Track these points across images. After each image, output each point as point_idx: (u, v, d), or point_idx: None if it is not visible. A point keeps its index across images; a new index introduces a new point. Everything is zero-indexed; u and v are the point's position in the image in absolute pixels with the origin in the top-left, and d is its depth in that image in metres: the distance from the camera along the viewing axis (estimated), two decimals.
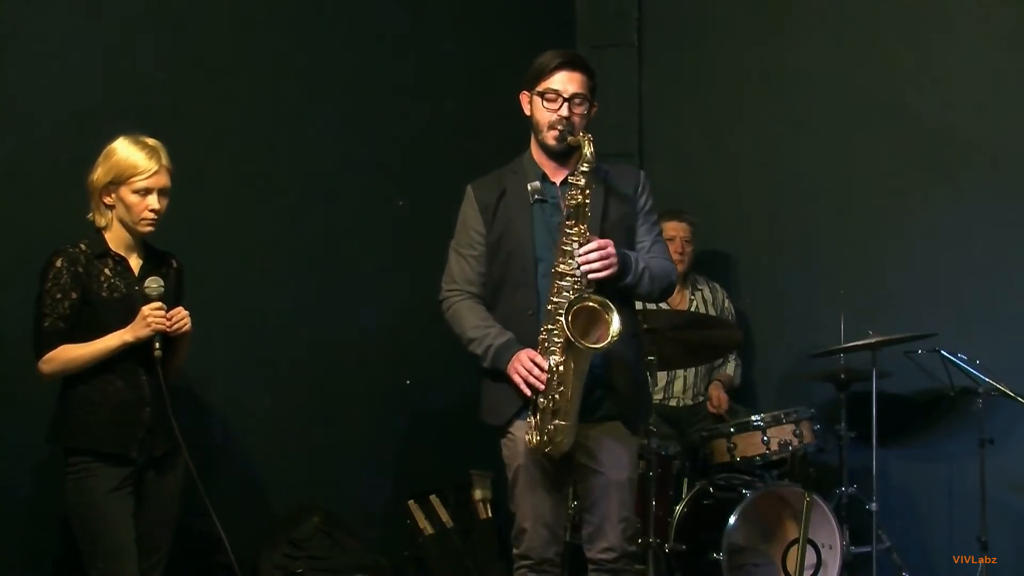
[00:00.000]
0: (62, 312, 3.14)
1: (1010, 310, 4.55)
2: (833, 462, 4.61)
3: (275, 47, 4.41)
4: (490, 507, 4.79)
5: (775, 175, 5.24)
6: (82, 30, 3.84)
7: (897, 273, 4.84)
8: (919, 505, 4.78)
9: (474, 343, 3.32)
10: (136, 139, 3.22)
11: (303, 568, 4.08)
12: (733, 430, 4.51)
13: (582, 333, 3.08)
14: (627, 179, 3.40)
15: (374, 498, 4.64)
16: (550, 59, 3.28)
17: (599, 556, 3.32)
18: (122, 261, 3.24)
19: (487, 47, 5.13)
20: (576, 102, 3.26)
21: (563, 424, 3.14)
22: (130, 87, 3.93)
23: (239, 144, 4.27)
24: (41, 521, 3.65)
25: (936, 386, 4.50)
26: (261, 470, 4.33)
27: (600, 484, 3.29)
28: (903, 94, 4.86)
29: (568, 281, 3.15)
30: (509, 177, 3.39)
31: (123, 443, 3.17)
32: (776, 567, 4.45)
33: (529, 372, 3.17)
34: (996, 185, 4.64)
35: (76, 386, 3.17)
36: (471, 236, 3.39)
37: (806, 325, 5.01)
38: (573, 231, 3.16)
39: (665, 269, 3.36)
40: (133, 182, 3.17)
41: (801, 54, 5.19)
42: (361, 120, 4.65)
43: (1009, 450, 4.43)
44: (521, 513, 3.33)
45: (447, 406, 4.77)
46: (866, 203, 4.95)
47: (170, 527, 3.32)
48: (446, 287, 3.44)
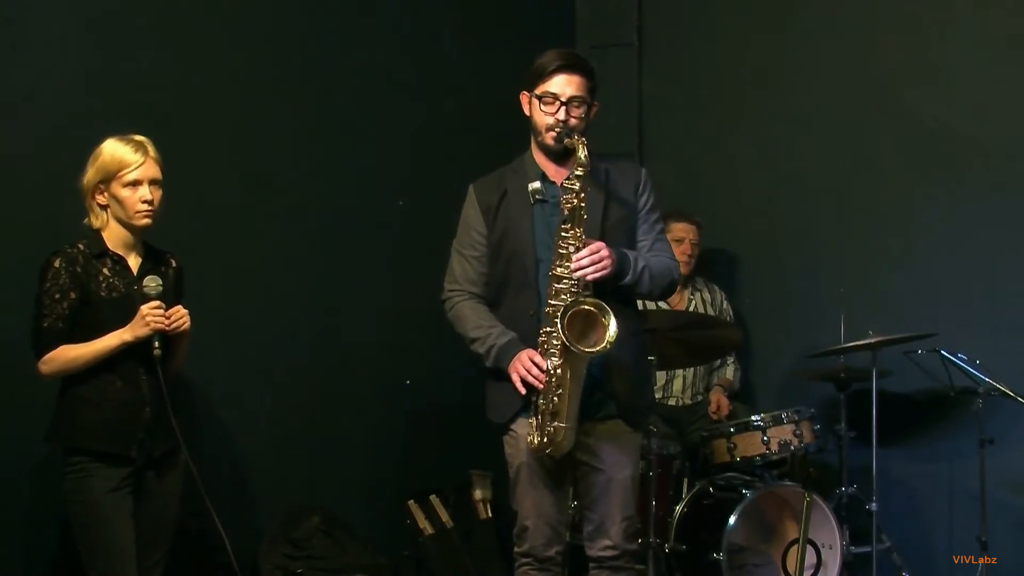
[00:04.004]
0: (61, 312, 3.14)
1: (1010, 310, 4.55)
2: (833, 462, 4.61)
3: (275, 47, 4.41)
4: (490, 507, 4.78)
5: (775, 175, 5.24)
6: (82, 30, 3.84)
7: (897, 273, 4.84)
8: (919, 505, 4.78)
9: (477, 343, 3.33)
10: (122, 136, 3.24)
11: (303, 568, 4.08)
12: (733, 430, 4.51)
13: (579, 337, 3.08)
14: (628, 177, 3.40)
15: (374, 498, 4.64)
16: (549, 61, 3.27)
17: (600, 554, 3.32)
18: (121, 260, 3.24)
19: (487, 47, 5.13)
20: (574, 105, 3.26)
21: (562, 426, 3.14)
22: (130, 87, 3.93)
23: (239, 144, 4.27)
24: (40, 521, 3.65)
25: (936, 386, 4.49)
26: (261, 470, 4.33)
27: (602, 482, 3.29)
28: (903, 94, 4.86)
29: (565, 284, 3.15)
30: (510, 177, 3.39)
31: (123, 443, 3.17)
32: (776, 567, 4.45)
33: (528, 372, 3.18)
34: (996, 185, 4.64)
35: (76, 386, 3.17)
36: (473, 236, 3.39)
37: (806, 325, 5.00)
38: (569, 234, 3.16)
39: (666, 267, 3.36)
40: (122, 176, 3.18)
41: (801, 54, 5.19)
42: (361, 120, 4.65)
43: (1009, 450, 4.43)
44: (523, 511, 3.34)
45: (447, 406, 4.78)
46: (866, 203, 4.94)
47: (170, 527, 3.32)
48: (448, 287, 3.45)
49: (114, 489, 3.15)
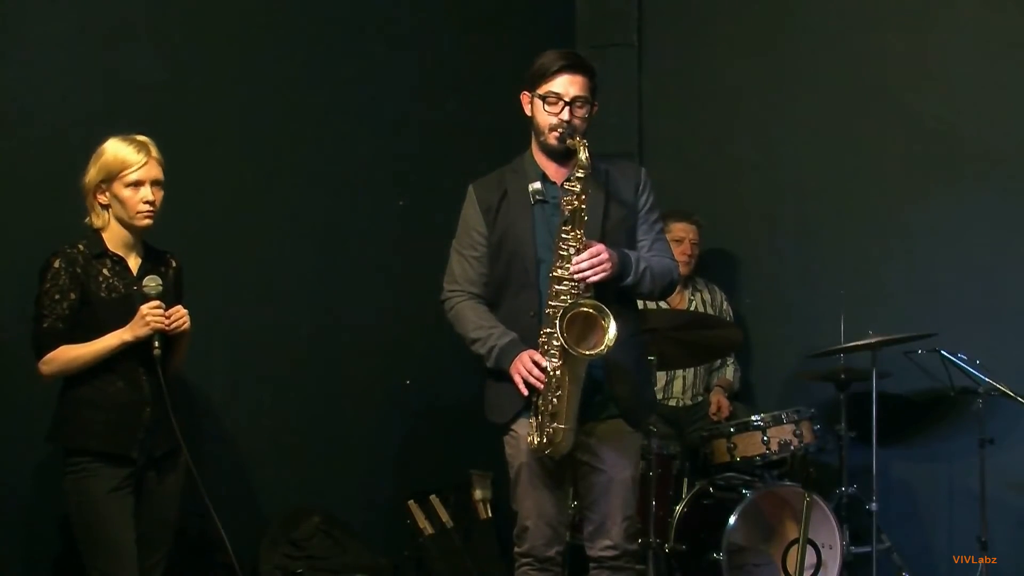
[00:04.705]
0: (61, 313, 3.14)
1: (1010, 310, 4.55)
2: (833, 462, 4.61)
3: (275, 47, 4.41)
4: (490, 507, 4.79)
5: (775, 175, 5.24)
6: (82, 30, 3.84)
7: (897, 273, 4.84)
8: (919, 505, 4.78)
9: (477, 343, 3.33)
10: (124, 136, 3.24)
11: (303, 568, 4.08)
12: (733, 430, 4.51)
13: (578, 339, 3.08)
14: (628, 178, 3.40)
15: (374, 498, 4.64)
16: (551, 62, 3.27)
17: (601, 554, 3.32)
18: (120, 261, 3.24)
19: (487, 47, 5.13)
20: (577, 105, 3.26)
21: (561, 427, 3.14)
22: (130, 87, 3.93)
23: (239, 144, 4.27)
24: (41, 521, 3.65)
25: (936, 386, 4.50)
26: (261, 470, 4.33)
27: (602, 482, 3.29)
28: (903, 94, 4.86)
29: (566, 285, 3.15)
30: (510, 177, 3.39)
31: (124, 443, 3.17)
32: (776, 567, 4.45)
33: (529, 372, 3.18)
34: (996, 185, 4.64)
35: (76, 386, 3.17)
36: (473, 237, 3.39)
37: (806, 325, 5.00)
38: (569, 236, 3.16)
39: (666, 267, 3.36)
40: (124, 176, 3.18)
41: (801, 54, 5.19)
42: (361, 120, 4.65)
43: (1009, 450, 4.43)
44: (524, 511, 3.34)
45: (447, 406, 4.78)
46: (866, 203, 4.94)
47: (170, 527, 3.32)
48: (448, 287, 3.44)
49: (115, 489, 3.15)
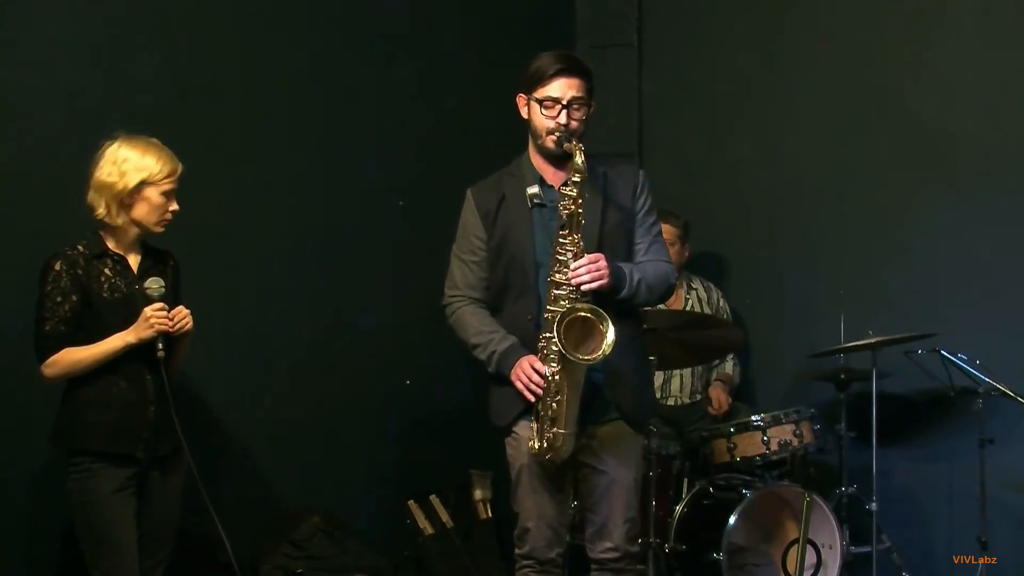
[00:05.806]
0: (63, 315, 3.15)
1: (1010, 310, 4.55)
2: (833, 462, 4.60)
3: (275, 47, 4.40)
4: (490, 507, 4.79)
5: (775, 175, 5.23)
6: (82, 30, 3.84)
7: (897, 273, 4.84)
8: (919, 505, 4.78)
9: (478, 349, 3.33)
10: (155, 141, 3.25)
11: (303, 568, 4.08)
12: (733, 430, 4.51)
13: (577, 344, 3.08)
14: (626, 180, 3.38)
15: (374, 498, 4.64)
16: (547, 65, 3.25)
17: (602, 556, 3.33)
18: (121, 260, 3.24)
19: (487, 47, 5.13)
20: (575, 107, 3.25)
21: (561, 432, 3.14)
22: (130, 87, 3.93)
23: (239, 144, 4.26)
24: (43, 522, 3.65)
25: (936, 386, 4.49)
26: (261, 470, 4.33)
27: (604, 484, 3.30)
28: (903, 94, 4.86)
29: (564, 290, 3.15)
30: (508, 181, 3.38)
31: (129, 443, 3.17)
32: (776, 567, 4.45)
33: (529, 379, 3.18)
34: (996, 185, 4.63)
35: (80, 388, 3.18)
36: (472, 242, 3.38)
37: (806, 325, 5.00)
38: (567, 241, 3.15)
39: (662, 273, 3.35)
40: (163, 183, 3.21)
41: (801, 54, 5.19)
42: (361, 120, 4.65)
43: (1009, 450, 4.43)
44: (524, 513, 3.34)
45: (447, 406, 4.78)
46: (866, 203, 4.94)
47: (173, 527, 3.33)
48: (448, 292, 3.44)
49: (118, 490, 3.15)
